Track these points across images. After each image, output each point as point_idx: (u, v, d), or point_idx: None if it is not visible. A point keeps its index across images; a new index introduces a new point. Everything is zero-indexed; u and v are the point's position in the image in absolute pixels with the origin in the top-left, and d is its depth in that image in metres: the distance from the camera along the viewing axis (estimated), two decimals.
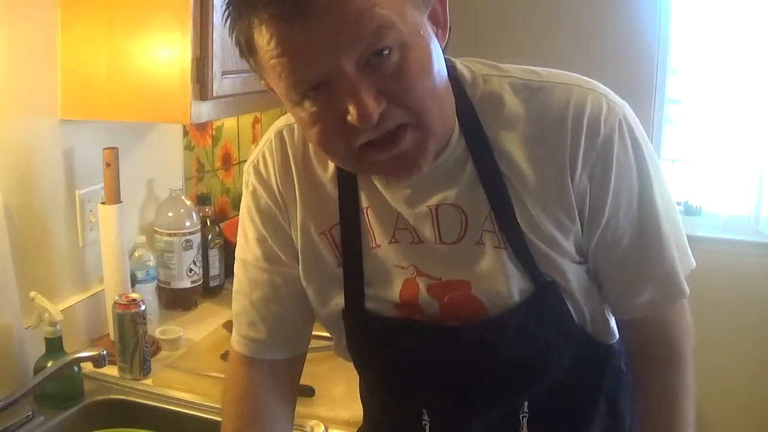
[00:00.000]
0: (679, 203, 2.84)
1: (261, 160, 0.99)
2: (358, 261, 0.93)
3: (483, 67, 0.91)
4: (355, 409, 1.25)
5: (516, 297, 0.88)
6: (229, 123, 2.16)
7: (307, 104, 0.78)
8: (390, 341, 0.95)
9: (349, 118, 0.75)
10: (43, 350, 1.36)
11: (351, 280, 0.94)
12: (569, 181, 0.86)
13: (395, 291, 0.93)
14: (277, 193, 0.98)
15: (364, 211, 0.93)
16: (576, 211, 0.87)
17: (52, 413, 1.34)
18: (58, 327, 1.35)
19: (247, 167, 1.02)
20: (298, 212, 0.96)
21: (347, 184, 0.93)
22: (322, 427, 1.31)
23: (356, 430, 1.24)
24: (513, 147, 0.87)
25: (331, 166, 0.94)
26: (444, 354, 0.92)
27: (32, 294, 1.37)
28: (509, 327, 0.90)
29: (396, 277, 0.92)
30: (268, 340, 1.02)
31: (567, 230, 0.88)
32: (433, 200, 0.89)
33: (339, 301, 0.96)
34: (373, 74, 0.74)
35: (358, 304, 0.94)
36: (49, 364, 1.30)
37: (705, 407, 2.81)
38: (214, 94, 1.41)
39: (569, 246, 0.89)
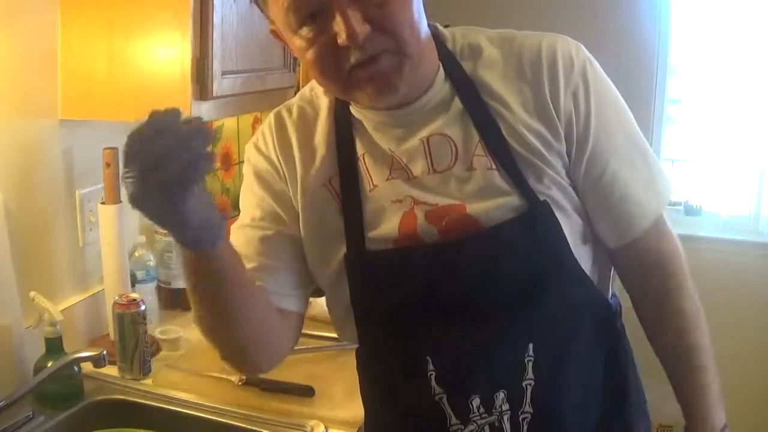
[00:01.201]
0: (679, 203, 2.84)
1: (260, 138, 1.08)
2: (358, 205, 0.99)
3: (459, 28, 1.04)
4: (355, 409, 1.25)
5: (510, 214, 0.94)
6: (229, 123, 2.16)
7: (304, 30, 0.90)
8: (392, 273, 0.98)
9: (339, 40, 0.86)
10: (43, 350, 1.36)
11: (351, 225, 0.99)
12: (551, 105, 0.95)
13: (394, 225, 0.97)
14: (276, 161, 1.04)
15: (361, 157, 1.00)
16: (561, 130, 0.95)
17: (52, 413, 1.34)
18: (58, 327, 1.35)
19: (248, 146, 1.09)
20: (298, 174, 1.02)
21: (343, 136, 1.01)
22: (322, 427, 1.31)
23: (356, 430, 1.24)
24: (494, 83, 0.97)
25: (327, 125, 1.02)
26: (443, 277, 0.95)
27: (32, 294, 1.37)
28: (503, 241, 0.94)
29: (394, 213, 0.98)
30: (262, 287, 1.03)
31: (549, 145, 0.95)
32: (423, 133, 0.98)
33: (341, 252, 1.00)
34: (361, 2, 0.86)
35: (359, 247, 0.98)
36: (49, 364, 1.30)
37: None
38: (214, 94, 1.41)
39: (557, 164, 0.96)
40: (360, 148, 1.01)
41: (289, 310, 1.04)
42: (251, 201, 1.06)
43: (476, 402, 0.96)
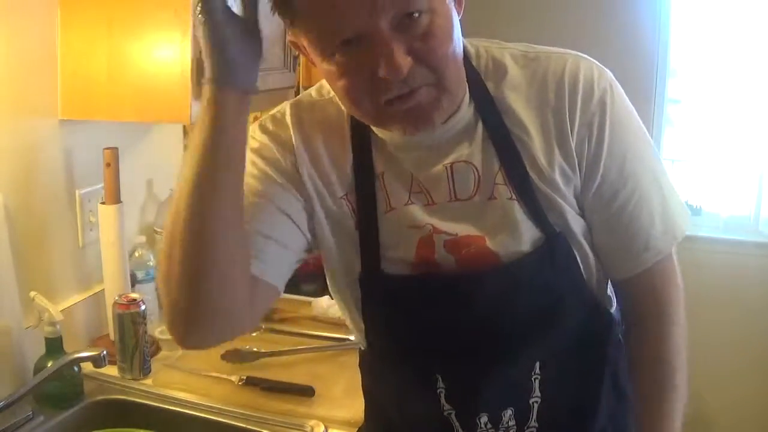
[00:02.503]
0: None
1: (270, 122, 1.01)
2: (374, 224, 0.96)
3: (483, 41, 1.00)
4: (355, 409, 1.25)
5: (528, 247, 0.93)
6: None
7: (337, 57, 0.83)
8: (406, 298, 0.97)
9: (380, 72, 0.81)
10: (43, 350, 1.36)
11: (366, 244, 0.97)
12: (569, 135, 0.93)
13: (411, 251, 0.95)
14: (293, 147, 0.98)
15: (380, 176, 0.97)
16: (576, 162, 0.93)
17: (52, 413, 1.34)
18: (58, 327, 1.35)
19: (253, 127, 1.00)
20: (320, 172, 0.97)
21: (361, 151, 0.97)
22: (322, 427, 1.31)
23: (356, 430, 1.23)
24: (518, 107, 0.94)
25: (346, 134, 0.97)
26: (460, 307, 0.94)
27: (32, 294, 1.37)
28: (523, 275, 0.93)
29: (411, 238, 0.95)
30: None
31: (568, 179, 0.94)
32: (448, 159, 0.94)
33: (356, 263, 0.98)
34: (403, 33, 0.81)
35: (374, 266, 0.96)
36: (49, 364, 1.30)
37: (704, 404, 2.81)
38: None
39: (570, 196, 0.95)
40: (379, 166, 0.97)
41: (266, 281, 0.93)
42: (251, 173, 0.96)
43: (484, 419, 0.97)
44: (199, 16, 0.82)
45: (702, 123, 2.86)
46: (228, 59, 0.83)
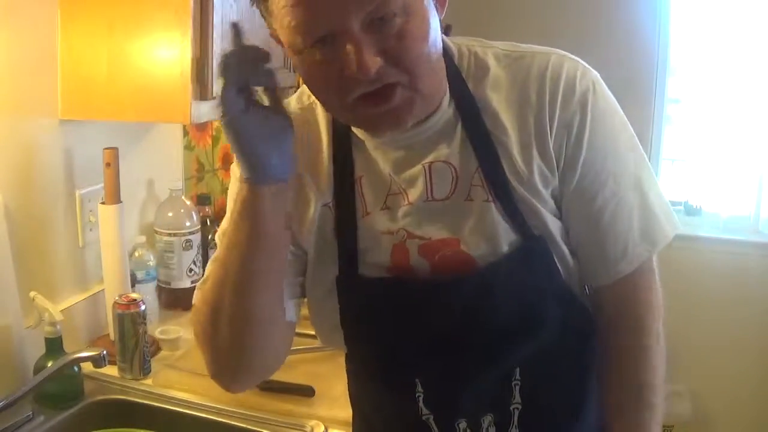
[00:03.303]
0: (679, 203, 2.85)
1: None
2: (352, 229, 0.96)
3: (467, 40, 0.99)
4: None
5: (504, 249, 0.91)
6: None
7: (308, 53, 0.83)
8: (383, 301, 0.96)
9: (347, 70, 0.80)
10: (43, 350, 1.36)
11: (344, 248, 0.96)
12: (548, 134, 0.91)
13: (386, 256, 0.95)
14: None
15: (358, 180, 0.96)
16: (554, 162, 0.92)
17: (52, 413, 1.34)
18: (58, 327, 1.35)
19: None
20: (310, 186, 0.98)
21: (342, 154, 0.97)
22: (322, 427, 1.32)
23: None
24: (498, 107, 0.93)
25: (327, 139, 0.98)
26: (436, 311, 0.93)
27: (32, 294, 1.37)
28: (498, 279, 0.92)
29: (386, 243, 0.95)
30: None
31: (547, 181, 0.92)
32: (426, 159, 0.94)
33: (333, 272, 0.97)
34: (375, 33, 0.81)
35: (352, 269, 0.96)
36: (49, 364, 1.30)
37: (704, 405, 2.81)
38: (214, 94, 1.41)
39: (549, 198, 0.93)
40: (359, 170, 0.96)
41: (288, 319, 1.00)
42: None
43: (463, 425, 0.96)
44: (222, 119, 0.83)
45: (702, 122, 2.85)
46: (258, 157, 0.85)
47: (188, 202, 1.84)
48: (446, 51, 0.94)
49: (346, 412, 1.33)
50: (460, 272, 0.92)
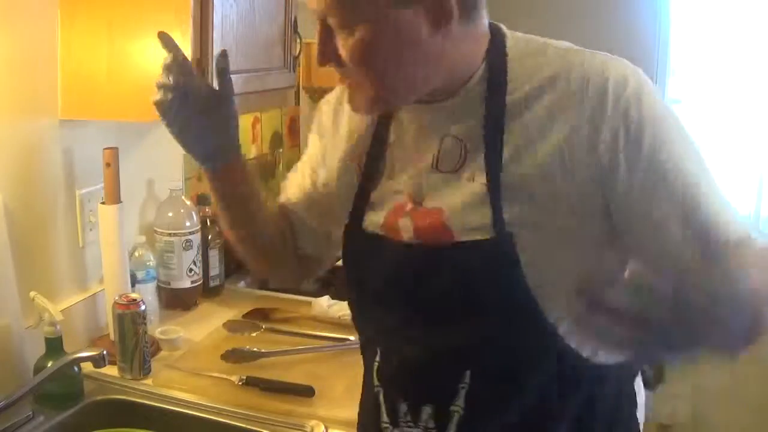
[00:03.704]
0: None
1: (324, 102, 1.16)
2: (370, 187, 1.03)
3: (524, 35, 1.01)
4: (355, 409, 1.25)
5: (479, 236, 0.92)
6: None
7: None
8: (367, 257, 1.03)
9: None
10: (43, 350, 1.36)
11: (358, 202, 1.05)
12: (592, 146, 0.88)
13: (386, 212, 1.01)
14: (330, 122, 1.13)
15: (390, 145, 1.03)
16: (595, 170, 0.88)
17: (52, 413, 1.34)
18: (58, 327, 1.35)
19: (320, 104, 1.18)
20: (337, 143, 1.10)
21: (382, 122, 1.04)
22: (322, 427, 1.31)
23: (356, 430, 1.23)
24: (534, 103, 0.91)
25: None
26: (405, 278, 0.98)
27: (32, 294, 1.37)
28: (464, 261, 0.93)
29: (389, 204, 1.01)
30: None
31: (555, 193, 0.89)
32: (443, 131, 0.97)
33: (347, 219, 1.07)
34: (346, 37, 0.89)
35: (357, 222, 1.04)
36: (49, 364, 1.30)
37: (705, 408, 2.81)
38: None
39: (555, 203, 0.90)
40: (392, 136, 1.03)
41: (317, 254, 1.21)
42: (314, 144, 1.17)
43: (403, 408, 0.98)
44: (168, 129, 1.08)
45: (702, 123, 2.85)
46: (199, 148, 1.11)
47: (188, 202, 1.84)
48: (498, 35, 0.98)
49: (346, 412, 1.34)
50: (436, 243, 0.96)
